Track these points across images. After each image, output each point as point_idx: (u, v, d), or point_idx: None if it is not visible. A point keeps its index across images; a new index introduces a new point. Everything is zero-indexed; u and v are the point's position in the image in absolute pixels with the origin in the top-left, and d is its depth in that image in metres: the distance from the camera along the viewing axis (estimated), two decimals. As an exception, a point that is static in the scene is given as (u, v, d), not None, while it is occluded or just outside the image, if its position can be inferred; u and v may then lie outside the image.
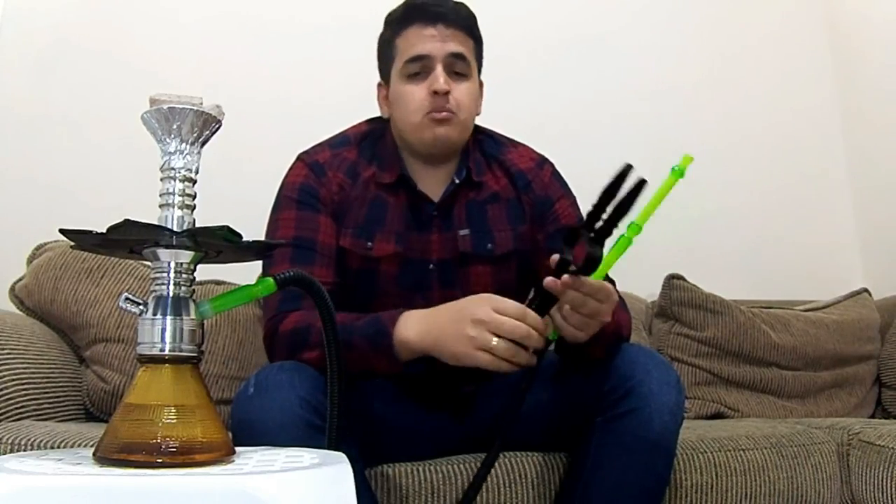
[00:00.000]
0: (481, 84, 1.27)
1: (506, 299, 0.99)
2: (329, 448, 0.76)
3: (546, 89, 2.20)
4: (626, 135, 2.22)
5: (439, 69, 1.16)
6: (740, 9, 2.45)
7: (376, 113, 1.29)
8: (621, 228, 0.95)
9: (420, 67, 1.17)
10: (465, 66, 1.19)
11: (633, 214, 0.94)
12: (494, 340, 0.95)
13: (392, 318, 1.02)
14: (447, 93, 1.15)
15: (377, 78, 1.27)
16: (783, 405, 1.90)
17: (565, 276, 0.95)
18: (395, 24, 1.21)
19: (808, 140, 2.45)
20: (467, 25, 1.20)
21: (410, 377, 1.21)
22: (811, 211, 2.41)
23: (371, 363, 1.02)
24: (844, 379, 1.98)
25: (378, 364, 1.02)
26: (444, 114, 1.16)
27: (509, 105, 1.73)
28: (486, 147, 1.28)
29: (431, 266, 1.19)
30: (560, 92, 2.21)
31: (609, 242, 0.97)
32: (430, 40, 1.16)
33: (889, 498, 1.32)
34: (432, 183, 1.22)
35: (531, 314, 0.97)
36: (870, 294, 2.16)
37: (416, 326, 1.01)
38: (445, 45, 1.16)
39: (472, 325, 0.96)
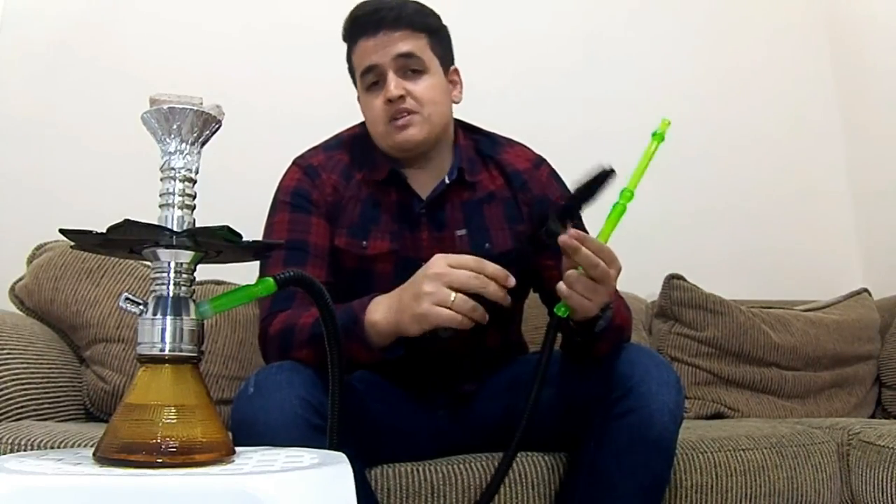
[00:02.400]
0: (456, 71, 1.26)
1: (462, 255, 0.97)
2: (331, 448, 0.76)
3: (551, 95, 2.20)
4: (628, 137, 2.21)
5: (391, 75, 1.16)
6: (743, 14, 2.45)
7: None
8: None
9: (375, 77, 1.17)
10: (417, 62, 1.18)
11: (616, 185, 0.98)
12: (453, 295, 0.93)
13: (362, 305, 1.02)
14: (402, 96, 1.15)
15: None
16: (783, 405, 1.90)
17: (573, 230, 0.95)
18: (347, 40, 1.22)
19: (809, 140, 2.45)
20: (414, 22, 1.18)
21: (411, 378, 1.21)
22: (811, 211, 2.41)
23: (349, 352, 1.00)
24: (844, 379, 1.98)
25: (356, 353, 1.01)
26: (404, 119, 1.16)
27: (511, 109, 1.73)
28: (482, 147, 1.28)
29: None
30: (564, 98, 2.21)
31: (603, 213, 0.99)
32: (374, 50, 1.16)
33: (889, 498, 1.32)
34: (424, 181, 1.22)
35: (489, 265, 0.96)
36: (870, 294, 2.16)
37: (381, 306, 1.00)
38: (390, 50, 1.16)
39: (428, 282, 0.95)
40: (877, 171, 2.35)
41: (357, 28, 1.19)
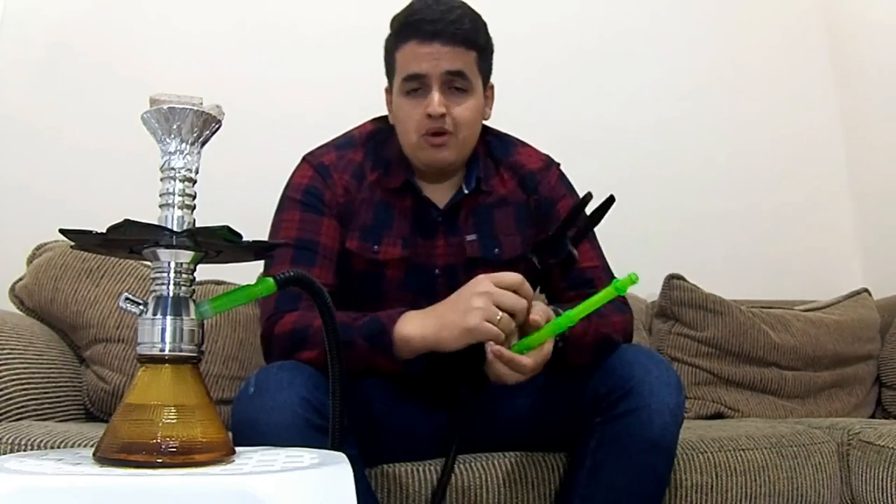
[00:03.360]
0: (492, 87, 1.25)
1: (505, 274, 1.01)
2: (332, 448, 0.76)
3: (556, 99, 2.20)
4: (631, 139, 2.22)
5: (435, 90, 1.13)
6: (743, 16, 2.46)
7: (377, 115, 1.28)
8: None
9: (417, 84, 1.14)
10: (464, 82, 1.15)
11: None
12: (500, 315, 0.96)
13: (391, 318, 1.02)
14: (443, 115, 1.13)
15: (377, 80, 1.25)
16: (783, 405, 1.90)
17: (495, 348, 0.97)
18: (395, 35, 1.18)
19: (809, 141, 2.45)
20: (468, 39, 1.15)
21: (410, 377, 1.21)
22: (811, 211, 2.41)
23: (371, 362, 1.02)
24: (844, 379, 1.98)
25: (378, 363, 1.02)
26: (441, 139, 1.15)
27: (525, 104, 1.74)
28: (493, 149, 1.26)
29: (437, 271, 1.19)
30: (566, 101, 2.21)
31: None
32: (426, 59, 1.13)
33: (889, 498, 1.32)
34: (439, 189, 1.22)
35: (527, 286, 1.00)
36: (870, 294, 2.16)
37: (416, 322, 1.01)
38: (442, 64, 1.13)
39: (477, 298, 0.97)
40: (877, 171, 2.35)
41: (411, 29, 1.14)
